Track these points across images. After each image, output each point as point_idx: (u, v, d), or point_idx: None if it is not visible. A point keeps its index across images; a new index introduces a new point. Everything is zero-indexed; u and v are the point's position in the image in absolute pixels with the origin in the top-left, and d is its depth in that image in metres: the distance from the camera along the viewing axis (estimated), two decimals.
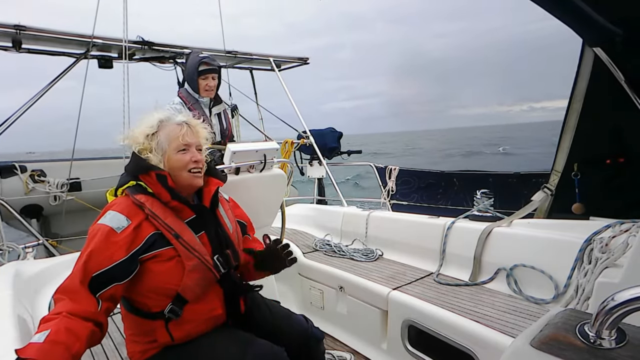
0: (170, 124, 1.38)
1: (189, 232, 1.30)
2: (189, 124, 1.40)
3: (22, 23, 3.40)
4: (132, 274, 1.22)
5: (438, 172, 5.01)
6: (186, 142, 1.36)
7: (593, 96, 2.22)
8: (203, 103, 2.94)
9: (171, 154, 1.34)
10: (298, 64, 5.51)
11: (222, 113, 3.08)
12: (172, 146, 1.34)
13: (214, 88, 2.94)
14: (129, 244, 1.21)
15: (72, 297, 1.13)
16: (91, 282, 1.15)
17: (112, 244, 1.18)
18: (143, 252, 1.24)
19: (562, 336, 0.67)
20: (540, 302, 1.93)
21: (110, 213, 1.25)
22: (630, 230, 1.66)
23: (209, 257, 1.31)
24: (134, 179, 1.32)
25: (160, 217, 1.27)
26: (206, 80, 2.87)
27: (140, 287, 1.26)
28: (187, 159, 1.35)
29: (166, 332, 1.28)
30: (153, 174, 1.30)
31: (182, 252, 1.27)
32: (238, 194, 1.72)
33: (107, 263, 1.17)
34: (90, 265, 1.15)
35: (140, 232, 1.24)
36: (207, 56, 2.97)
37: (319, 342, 1.51)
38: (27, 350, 0.99)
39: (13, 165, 4.06)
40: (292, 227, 3.45)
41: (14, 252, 3.21)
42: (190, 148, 1.37)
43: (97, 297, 1.15)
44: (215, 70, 2.92)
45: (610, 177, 2.32)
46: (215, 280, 1.34)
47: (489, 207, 2.51)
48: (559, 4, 1.59)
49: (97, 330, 1.15)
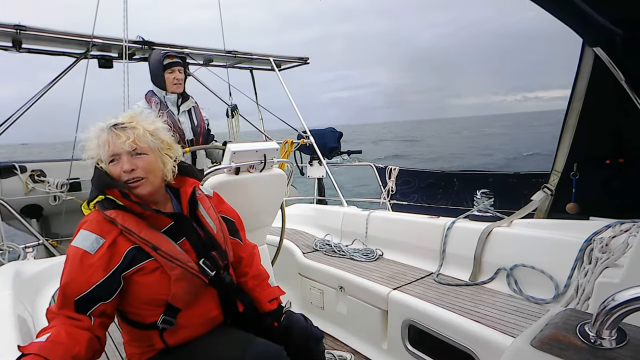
0: (102, 133, 1.25)
1: (166, 242, 1.24)
2: (117, 127, 1.24)
3: (22, 23, 3.40)
4: (117, 291, 1.18)
5: (438, 172, 5.01)
6: (112, 153, 1.23)
7: (593, 96, 2.22)
8: (170, 101, 2.86)
9: (108, 166, 1.24)
10: (298, 64, 5.51)
11: (192, 109, 2.99)
12: (105, 157, 1.24)
13: (181, 81, 2.86)
14: (106, 264, 1.16)
15: (65, 315, 1.12)
16: (76, 306, 1.13)
17: (88, 267, 1.14)
18: (125, 269, 1.20)
19: (562, 336, 0.67)
20: (540, 302, 1.93)
21: (82, 233, 1.19)
22: (630, 230, 1.66)
23: (193, 264, 1.27)
24: (101, 194, 1.24)
25: (134, 231, 1.20)
26: (173, 74, 2.80)
27: (130, 300, 1.24)
28: (117, 171, 1.23)
29: (162, 341, 1.27)
30: (116, 191, 1.22)
31: (163, 263, 1.22)
32: (238, 194, 1.72)
33: (86, 286, 1.13)
34: (69, 291, 1.13)
35: (116, 249, 1.19)
36: (170, 51, 2.93)
37: (318, 341, 1.50)
38: (29, 347, 1.01)
39: (13, 166, 4.06)
40: (292, 227, 3.44)
41: (14, 252, 3.21)
42: (120, 157, 1.23)
43: (89, 315, 1.14)
44: (180, 63, 2.84)
45: (610, 177, 2.32)
46: (204, 285, 1.30)
47: (489, 207, 2.51)
48: (558, 4, 1.59)
49: (96, 340, 1.14)
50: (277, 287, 1.58)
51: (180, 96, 2.92)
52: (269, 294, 1.51)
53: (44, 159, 4.73)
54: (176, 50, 3.98)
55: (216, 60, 4.90)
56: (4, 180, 3.97)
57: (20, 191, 4.02)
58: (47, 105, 4.20)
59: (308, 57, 5.48)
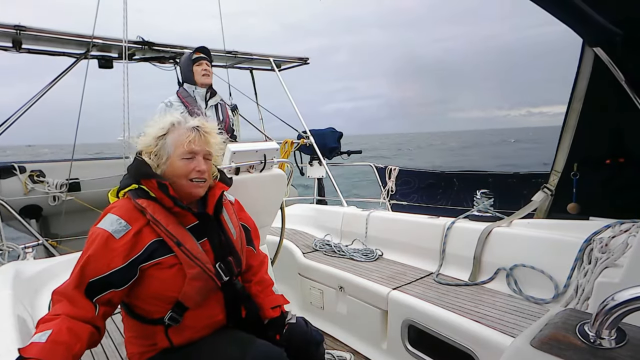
0: (180, 128, 1.33)
1: (191, 240, 1.27)
2: (201, 130, 1.34)
3: (22, 23, 3.41)
4: (131, 281, 1.20)
5: (438, 172, 5.01)
6: (191, 150, 1.30)
7: (593, 96, 2.22)
8: (199, 95, 2.98)
9: (175, 159, 1.30)
10: (298, 64, 5.51)
11: (219, 105, 3.11)
12: (177, 151, 1.30)
13: (210, 73, 3.02)
14: (128, 251, 1.18)
15: (69, 300, 1.12)
16: (87, 288, 1.14)
17: (111, 251, 1.16)
18: (143, 261, 1.21)
19: (562, 336, 0.67)
20: (540, 302, 1.93)
21: (110, 217, 1.21)
22: (630, 230, 1.66)
23: (210, 265, 1.29)
24: (135, 182, 1.28)
25: (162, 223, 1.23)
26: (201, 66, 2.96)
27: (140, 293, 1.25)
28: (191, 167, 1.30)
29: (166, 338, 1.27)
30: (154, 181, 1.25)
31: (183, 260, 1.24)
32: (238, 194, 1.72)
33: (105, 270, 1.15)
34: (87, 271, 1.14)
35: (140, 239, 1.21)
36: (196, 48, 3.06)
37: (319, 345, 1.50)
38: (29, 349, 1.00)
39: (12, 166, 4.06)
40: (292, 227, 3.44)
41: (14, 252, 3.21)
42: (196, 156, 1.31)
43: (94, 302, 1.15)
44: (207, 58, 3.01)
45: (610, 177, 2.32)
46: (216, 288, 1.32)
47: (489, 207, 2.51)
48: (559, 4, 1.59)
49: (96, 332, 1.15)
50: (281, 296, 1.57)
51: (209, 90, 3.04)
52: (272, 301, 1.51)
53: (44, 159, 4.74)
54: (190, 49, 4.03)
55: (216, 60, 4.90)
56: (4, 180, 3.97)
57: (20, 191, 4.02)
58: (56, 110, 4.20)
59: (308, 58, 5.48)
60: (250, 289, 1.51)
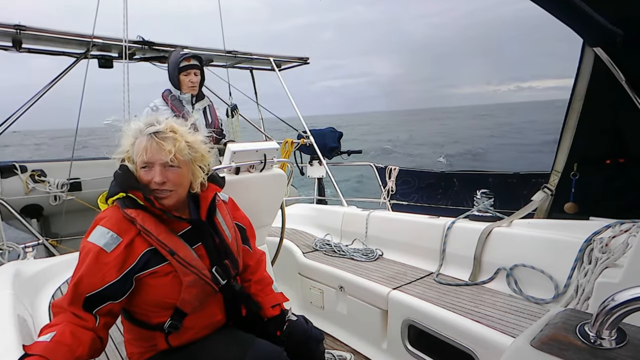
0: (141, 136, 1.24)
1: (184, 247, 1.24)
2: (156, 137, 1.22)
3: (22, 22, 3.40)
4: (128, 292, 1.19)
5: (438, 172, 5.01)
6: (143, 161, 1.22)
7: (593, 96, 2.22)
8: (185, 100, 2.93)
9: (138, 168, 1.25)
10: (298, 64, 5.51)
11: (207, 108, 3.07)
12: (138, 161, 1.24)
13: (196, 84, 2.93)
14: (120, 264, 1.16)
15: (70, 312, 1.12)
16: (85, 302, 1.13)
17: (103, 265, 1.14)
18: (138, 271, 1.19)
19: (562, 336, 0.67)
20: (540, 302, 1.93)
21: (99, 229, 1.18)
22: (630, 230, 1.66)
23: (206, 271, 1.27)
24: (123, 191, 1.23)
25: (153, 233, 1.20)
26: (188, 77, 2.87)
27: (138, 301, 1.24)
28: (148, 178, 1.23)
29: (165, 342, 1.27)
30: (140, 193, 1.22)
31: (178, 268, 1.22)
32: (238, 194, 1.72)
33: (99, 285, 1.13)
34: (81, 288, 1.13)
35: (132, 250, 1.19)
36: (189, 52, 2.98)
37: (318, 343, 1.50)
38: (34, 347, 1.01)
39: (13, 165, 4.06)
40: (292, 227, 3.44)
41: (14, 252, 3.21)
42: (152, 166, 1.22)
43: (94, 314, 1.14)
44: (196, 66, 2.91)
45: (610, 177, 2.32)
46: (214, 292, 1.31)
47: (489, 207, 2.51)
48: (559, 4, 1.59)
49: (98, 340, 1.15)
50: (280, 294, 1.56)
51: (194, 96, 2.99)
52: (272, 300, 1.50)
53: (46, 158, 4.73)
54: (190, 49, 4.00)
55: (216, 60, 4.90)
56: (4, 180, 3.97)
57: (21, 191, 4.02)
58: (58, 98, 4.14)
59: (308, 57, 5.48)
60: (250, 288, 1.51)
